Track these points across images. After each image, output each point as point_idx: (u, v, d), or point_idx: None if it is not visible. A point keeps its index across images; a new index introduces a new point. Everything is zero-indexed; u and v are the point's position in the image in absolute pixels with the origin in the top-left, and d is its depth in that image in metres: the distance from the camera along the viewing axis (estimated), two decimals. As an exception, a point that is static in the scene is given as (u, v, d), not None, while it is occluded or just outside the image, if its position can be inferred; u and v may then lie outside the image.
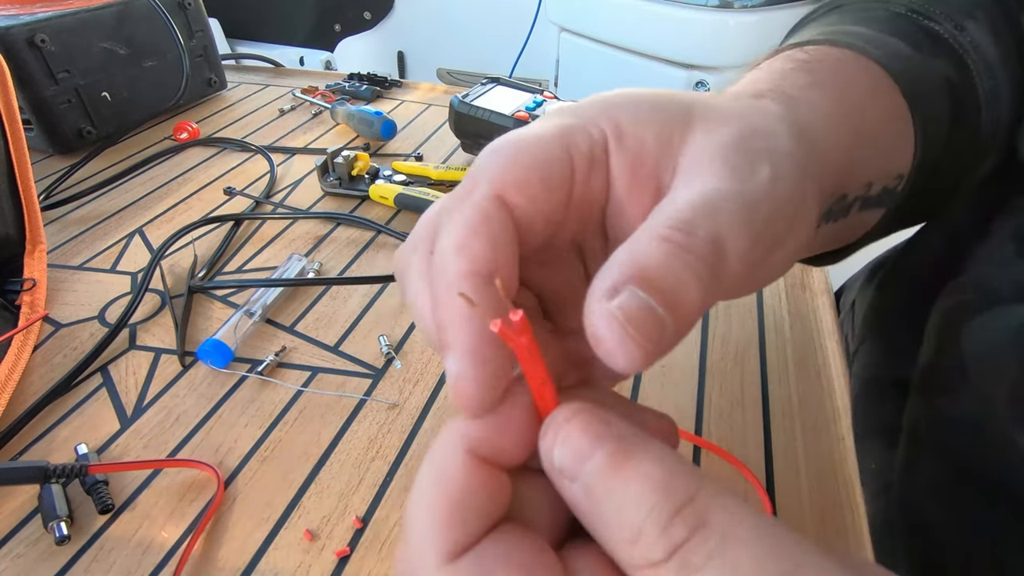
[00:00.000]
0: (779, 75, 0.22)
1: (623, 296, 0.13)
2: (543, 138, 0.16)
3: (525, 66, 1.58)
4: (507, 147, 0.16)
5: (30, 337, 0.39)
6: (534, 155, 0.16)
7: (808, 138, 0.18)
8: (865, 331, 0.40)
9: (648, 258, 0.13)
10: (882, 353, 0.38)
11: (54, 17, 0.57)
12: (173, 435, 0.33)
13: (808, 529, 0.30)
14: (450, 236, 0.15)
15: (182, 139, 0.65)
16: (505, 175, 0.15)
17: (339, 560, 0.28)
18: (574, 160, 0.16)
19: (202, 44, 0.72)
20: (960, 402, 0.26)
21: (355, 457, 0.32)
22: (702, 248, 0.14)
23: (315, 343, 0.39)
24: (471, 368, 0.13)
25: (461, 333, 0.14)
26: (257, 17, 1.60)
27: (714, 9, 1.04)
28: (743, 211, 0.15)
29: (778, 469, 0.33)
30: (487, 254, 0.14)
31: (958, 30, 0.25)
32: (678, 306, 0.13)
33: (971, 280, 0.28)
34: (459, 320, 0.14)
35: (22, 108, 0.57)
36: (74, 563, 0.27)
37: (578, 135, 0.16)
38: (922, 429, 0.27)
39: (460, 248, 0.14)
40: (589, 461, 0.12)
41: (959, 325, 0.27)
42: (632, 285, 0.13)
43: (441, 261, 0.15)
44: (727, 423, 0.35)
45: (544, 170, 0.15)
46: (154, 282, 0.44)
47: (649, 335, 0.13)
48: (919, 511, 0.27)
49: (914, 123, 0.23)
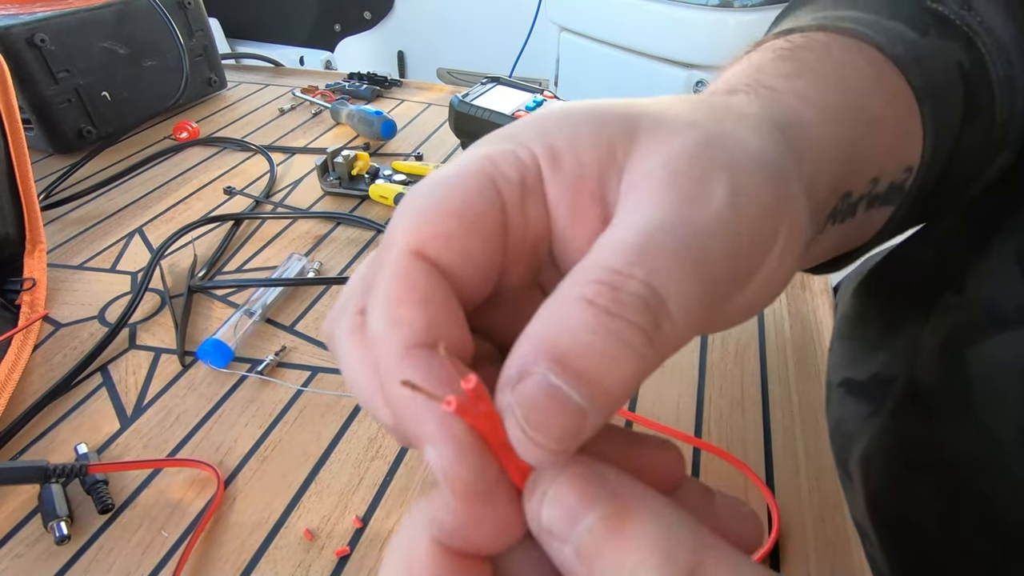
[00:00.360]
0: (756, 68, 0.19)
1: (529, 382, 0.11)
2: (463, 174, 0.14)
3: (525, 66, 1.58)
4: (422, 194, 0.14)
5: (30, 337, 0.39)
6: (452, 197, 0.13)
7: (795, 134, 0.16)
8: (835, 335, 0.39)
9: (564, 330, 0.11)
10: (837, 356, 0.37)
11: (54, 17, 0.57)
12: (173, 435, 0.33)
13: (808, 529, 0.30)
14: (377, 308, 0.13)
15: (182, 139, 0.65)
16: (420, 228, 0.13)
17: (339, 560, 0.28)
18: (502, 193, 0.14)
19: (202, 44, 0.72)
20: (960, 430, 0.24)
21: (355, 457, 0.32)
22: (634, 310, 0.11)
23: (315, 343, 0.39)
24: (460, 454, 0.11)
25: (431, 423, 0.11)
26: (257, 17, 1.60)
27: (714, 8, 1.04)
28: (688, 250, 0.12)
29: (778, 469, 0.33)
30: (422, 322, 0.12)
31: (966, 9, 0.23)
32: (603, 390, 0.11)
33: (974, 300, 0.26)
34: (423, 409, 0.12)
35: (22, 108, 0.57)
36: (74, 563, 0.27)
37: (504, 163, 0.14)
38: (919, 452, 0.26)
39: (391, 322, 0.12)
40: (581, 523, 0.11)
41: (964, 348, 0.25)
42: (544, 366, 0.11)
43: (376, 340, 0.13)
44: (727, 423, 0.35)
45: (465, 213, 0.13)
46: (154, 282, 0.44)
47: (562, 430, 0.11)
48: (914, 525, 0.27)
49: (922, 111, 0.21)
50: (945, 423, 0.25)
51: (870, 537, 0.28)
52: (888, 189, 0.21)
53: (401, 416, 0.12)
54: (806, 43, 0.21)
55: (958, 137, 0.22)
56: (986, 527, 0.23)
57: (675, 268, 0.12)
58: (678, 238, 0.12)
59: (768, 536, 0.30)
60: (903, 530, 0.26)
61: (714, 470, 0.32)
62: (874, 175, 0.20)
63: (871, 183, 0.20)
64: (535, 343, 0.11)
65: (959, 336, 0.25)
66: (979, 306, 0.25)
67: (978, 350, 0.24)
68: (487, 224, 0.13)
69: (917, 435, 0.25)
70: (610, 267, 0.12)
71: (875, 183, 0.21)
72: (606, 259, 0.12)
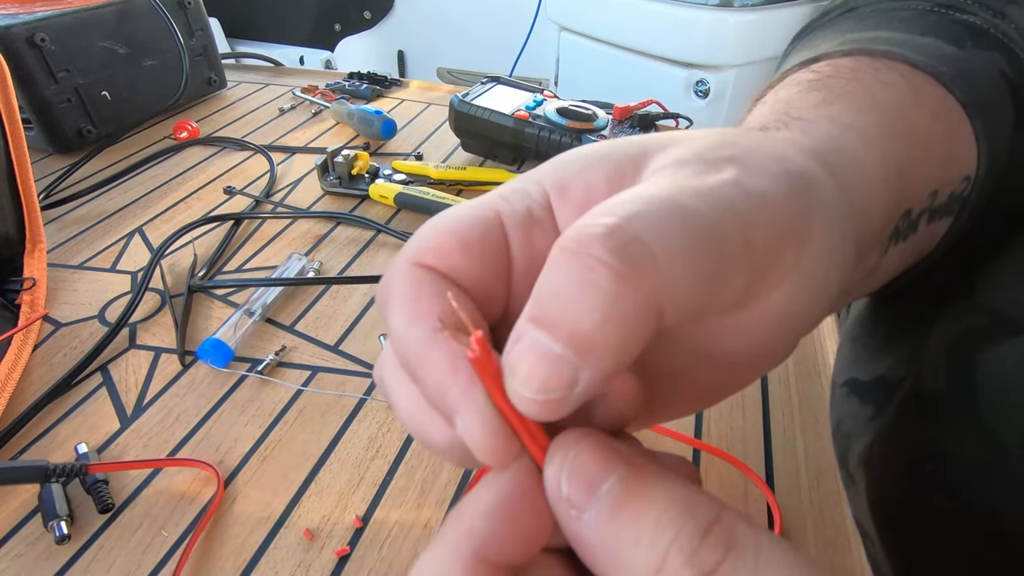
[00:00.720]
0: (785, 103, 0.19)
1: (521, 343, 0.11)
2: (472, 206, 0.15)
3: (525, 65, 1.58)
4: (431, 221, 0.15)
5: (30, 336, 0.39)
6: (454, 220, 0.14)
7: (835, 161, 0.16)
8: (844, 336, 0.39)
9: (549, 286, 0.11)
10: (843, 357, 0.37)
11: (54, 16, 0.57)
12: (173, 434, 0.33)
13: (808, 529, 0.30)
14: (394, 313, 0.14)
15: (182, 138, 0.65)
16: (422, 244, 0.14)
17: (339, 559, 0.28)
18: (504, 221, 0.14)
19: (202, 43, 0.72)
20: (965, 435, 0.24)
21: (355, 456, 0.32)
22: (597, 244, 0.11)
23: (315, 342, 0.39)
24: (482, 419, 0.12)
25: (456, 391, 0.12)
26: (257, 16, 1.60)
27: (714, 8, 1.04)
28: (678, 207, 0.12)
29: (778, 469, 0.33)
30: (439, 310, 0.13)
31: (999, 18, 0.22)
32: (580, 336, 0.10)
33: (984, 305, 0.26)
34: (449, 382, 0.12)
35: (22, 107, 0.57)
36: (74, 562, 0.27)
37: (513, 196, 0.15)
38: (922, 456, 0.26)
39: (411, 319, 0.13)
40: (602, 486, 0.11)
41: (973, 353, 0.24)
42: (533, 326, 0.11)
43: (401, 337, 0.13)
44: (727, 423, 0.35)
45: (463, 233, 0.14)
46: (154, 281, 0.44)
47: (547, 380, 0.11)
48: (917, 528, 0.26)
49: (972, 122, 0.20)
50: (949, 427, 0.24)
51: (872, 538, 0.28)
52: (948, 201, 0.21)
53: (429, 393, 0.13)
54: (833, 71, 0.20)
55: (1012, 142, 0.22)
56: (990, 533, 0.23)
57: (658, 215, 0.11)
58: (664, 193, 0.12)
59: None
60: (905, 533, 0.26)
61: (714, 470, 0.32)
62: (933, 188, 0.20)
63: (930, 197, 0.20)
64: (528, 307, 0.12)
65: (968, 341, 0.25)
66: (989, 311, 0.25)
67: (987, 356, 0.24)
68: (483, 244, 0.14)
69: (920, 439, 0.25)
70: (601, 223, 0.11)
71: (934, 196, 0.20)
72: (597, 216, 0.12)
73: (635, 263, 0.11)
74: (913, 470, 0.25)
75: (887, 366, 0.32)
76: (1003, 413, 0.23)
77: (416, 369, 0.13)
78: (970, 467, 0.24)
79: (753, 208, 0.12)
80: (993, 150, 0.21)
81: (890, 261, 0.20)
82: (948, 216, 0.22)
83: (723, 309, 0.13)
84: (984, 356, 0.24)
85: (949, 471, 0.24)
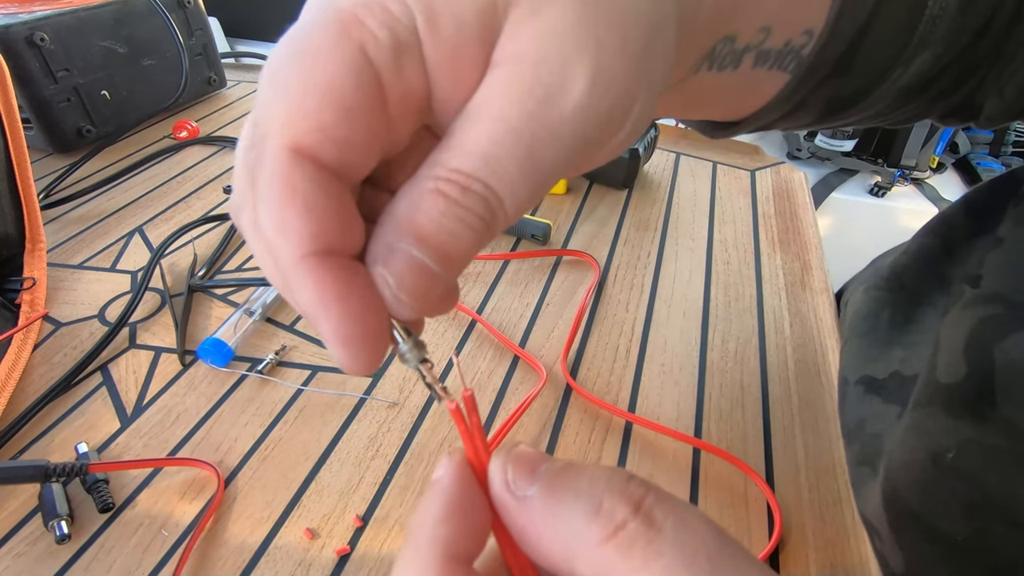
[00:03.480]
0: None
1: (396, 256, 0.13)
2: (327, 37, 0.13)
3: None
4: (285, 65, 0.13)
5: (30, 336, 0.39)
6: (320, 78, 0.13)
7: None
8: (848, 332, 0.39)
9: (422, 214, 0.13)
10: (852, 354, 0.37)
11: (53, 16, 0.57)
12: (173, 434, 0.33)
13: (808, 529, 0.30)
14: (263, 212, 0.13)
15: (182, 138, 0.65)
16: (295, 121, 0.13)
17: (339, 559, 0.28)
18: (374, 62, 0.13)
19: (202, 42, 0.72)
20: (983, 426, 0.24)
21: (355, 456, 0.32)
22: (476, 204, 0.13)
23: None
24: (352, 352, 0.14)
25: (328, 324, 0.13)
26: (257, 16, 1.60)
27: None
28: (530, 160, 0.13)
29: (778, 469, 0.33)
30: (308, 231, 0.13)
31: None
32: (451, 260, 0.14)
33: (994, 294, 0.25)
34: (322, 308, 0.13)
35: (22, 107, 0.57)
36: (74, 562, 0.27)
37: (372, 21, 0.13)
38: (941, 449, 0.26)
39: (279, 231, 0.13)
40: (540, 468, 0.14)
41: (989, 343, 0.24)
42: (406, 242, 0.13)
43: (270, 243, 0.13)
44: (727, 423, 0.35)
45: (340, 95, 0.13)
46: (154, 281, 0.44)
47: (425, 291, 0.14)
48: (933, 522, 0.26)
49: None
50: (968, 418, 0.24)
51: (880, 533, 0.28)
52: (783, 48, 0.20)
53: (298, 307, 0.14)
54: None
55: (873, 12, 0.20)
56: (1011, 523, 0.23)
57: (517, 177, 0.14)
58: (524, 145, 0.13)
59: (772, 534, 0.30)
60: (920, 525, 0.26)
61: (714, 470, 0.32)
62: (765, 23, 0.19)
63: (761, 32, 0.19)
64: (399, 223, 0.14)
65: (983, 332, 0.25)
66: (1001, 301, 0.25)
67: (1003, 345, 0.23)
68: (364, 105, 0.13)
69: (939, 429, 0.25)
70: (462, 170, 0.13)
71: (766, 34, 0.19)
72: (459, 161, 0.13)
73: (496, 217, 0.14)
74: (934, 460, 0.25)
75: (899, 360, 0.32)
76: (1021, 403, 0.23)
77: (285, 279, 0.14)
78: (990, 456, 0.24)
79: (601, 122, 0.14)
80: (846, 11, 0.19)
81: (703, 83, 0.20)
82: (781, 70, 0.21)
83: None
84: (1001, 345, 0.23)
85: (970, 460, 0.24)
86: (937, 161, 1.38)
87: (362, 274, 0.14)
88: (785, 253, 0.50)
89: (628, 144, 0.16)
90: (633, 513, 0.12)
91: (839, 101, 0.23)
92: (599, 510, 0.12)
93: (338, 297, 0.13)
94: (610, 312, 0.43)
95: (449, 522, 0.13)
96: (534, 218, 0.50)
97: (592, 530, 0.12)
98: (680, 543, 0.12)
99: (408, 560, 0.13)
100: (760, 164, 0.65)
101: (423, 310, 0.14)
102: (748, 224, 0.54)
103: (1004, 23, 0.21)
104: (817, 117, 0.24)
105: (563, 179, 0.16)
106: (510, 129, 0.13)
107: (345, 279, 0.13)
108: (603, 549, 0.12)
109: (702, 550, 0.12)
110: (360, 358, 0.14)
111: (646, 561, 0.12)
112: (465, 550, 0.13)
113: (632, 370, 0.38)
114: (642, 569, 0.12)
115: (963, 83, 0.23)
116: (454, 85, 0.14)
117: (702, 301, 0.44)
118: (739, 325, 0.42)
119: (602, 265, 0.48)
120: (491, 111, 0.13)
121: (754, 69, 0.20)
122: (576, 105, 0.13)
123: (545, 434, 0.34)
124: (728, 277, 0.47)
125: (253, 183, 0.13)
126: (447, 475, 0.14)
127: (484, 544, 0.14)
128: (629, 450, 0.33)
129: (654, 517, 0.12)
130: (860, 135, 1.40)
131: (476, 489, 0.14)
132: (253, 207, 0.14)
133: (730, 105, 0.23)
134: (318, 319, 0.13)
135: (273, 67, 0.13)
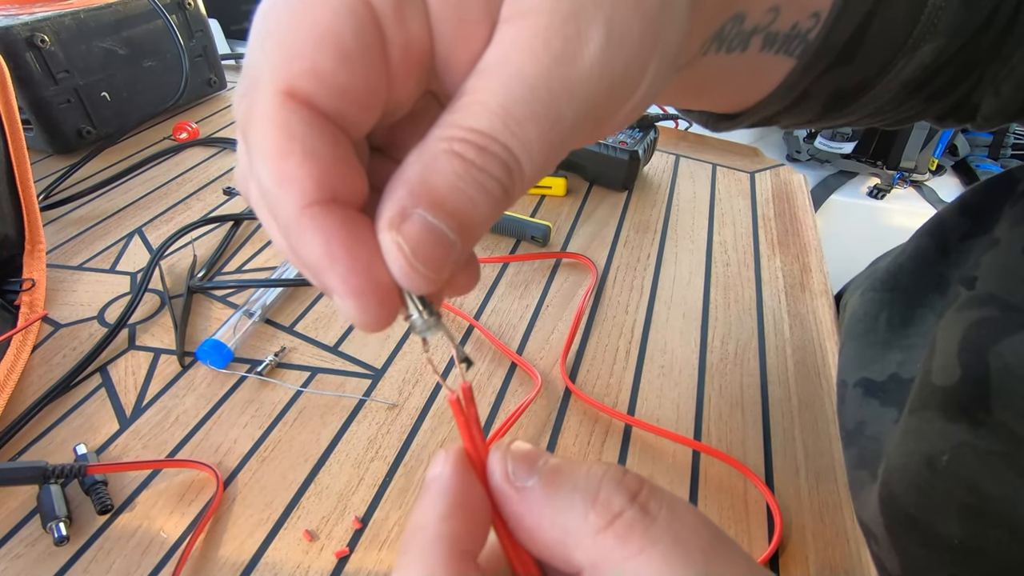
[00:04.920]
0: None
1: (411, 223, 0.12)
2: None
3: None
4: (278, 14, 0.12)
5: (29, 337, 0.39)
6: (317, 19, 0.12)
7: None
8: (847, 335, 0.39)
9: (438, 176, 0.12)
10: (850, 356, 0.37)
11: (54, 17, 0.57)
12: (172, 435, 0.33)
13: (808, 529, 0.30)
14: (260, 164, 0.12)
15: (181, 139, 0.65)
16: (290, 64, 0.12)
17: (338, 560, 0.28)
18: (375, 6, 0.12)
19: (202, 44, 0.72)
20: (979, 429, 0.24)
21: (354, 457, 0.32)
22: (496, 167, 0.13)
23: (314, 343, 0.39)
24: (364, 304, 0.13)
25: (334, 275, 0.13)
26: (257, 17, 1.60)
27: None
28: (548, 119, 0.13)
29: (778, 469, 0.33)
30: (311, 179, 0.12)
31: None
32: (469, 227, 0.13)
33: (989, 296, 0.25)
34: (328, 258, 0.12)
35: (22, 108, 0.57)
36: (73, 563, 0.27)
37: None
38: (937, 452, 0.26)
39: (279, 182, 0.12)
40: (538, 462, 0.14)
41: (984, 346, 0.24)
42: (421, 208, 0.12)
43: (270, 199, 0.13)
44: (727, 424, 0.35)
45: (335, 41, 0.12)
46: (153, 282, 0.44)
47: (440, 261, 0.13)
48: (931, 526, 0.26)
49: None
50: (964, 421, 0.24)
51: (877, 538, 0.28)
52: (790, 32, 0.20)
53: (302, 263, 0.13)
54: None
55: (878, 4, 0.20)
56: (1008, 527, 0.23)
57: (535, 136, 0.13)
58: (542, 102, 0.13)
59: (772, 537, 0.30)
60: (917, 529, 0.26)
61: (714, 471, 0.32)
62: (774, 3, 0.19)
63: (770, 12, 0.19)
64: (412, 187, 0.12)
65: (978, 335, 0.25)
66: (995, 303, 0.25)
67: (997, 349, 0.24)
68: (363, 52, 0.12)
69: (936, 432, 0.25)
70: (479, 129, 0.13)
71: (774, 15, 0.19)
72: (475, 120, 0.13)
73: (515, 181, 0.13)
74: (929, 464, 0.25)
75: (897, 362, 0.32)
76: (1017, 405, 0.23)
77: (288, 235, 0.13)
78: (985, 460, 0.24)
79: (616, 82, 0.13)
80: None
81: (712, 66, 0.19)
82: (787, 56, 0.20)
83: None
84: (995, 348, 0.23)
85: (965, 464, 0.24)
86: (936, 163, 1.38)
87: (370, 225, 0.13)
88: (784, 255, 0.50)
89: (635, 117, 0.16)
90: (629, 503, 0.13)
91: (842, 93, 0.23)
92: (596, 500, 0.13)
93: (346, 245, 0.12)
94: (610, 314, 0.43)
95: (453, 518, 0.13)
96: (534, 220, 0.50)
97: (590, 519, 0.13)
98: (674, 532, 0.12)
99: (413, 559, 0.13)
100: (760, 166, 0.65)
101: (438, 283, 0.13)
102: (748, 226, 0.54)
103: (1005, 20, 0.21)
104: (819, 112, 0.24)
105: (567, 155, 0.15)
106: (528, 86, 0.13)
107: (352, 228, 0.12)
108: (601, 537, 0.12)
109: (695, 540, 0.12)
110: (372, 311, 0.13)
111: (642, 548, 0.12)
112: (470, 545, 0.13)
113: (632, 372, 0.38)
114: (638, 555, 0.12)
115: (962, 80, 0.23)
116: (459, 41, 0.13)
117: (702, 303, 0.44)
118: (739, 327, 0.42)
119: (602, 267, 0.48)
120: (508, 67, 0.13)
121: (761, 53, 0.20)
122: (593, 61, 0.13)
123: (544, 436, 0.34)
124: (728, 279, 0.47)
125: (245, 135, 0.13)
126: (447, 470, 0.14)
127: (486, 539, 0.14)
128: (629, 452, 0.33)
129: (649, 507, 0.13)
130: (859, 137, 1.41)
131: (476, 484, 0.14)
132: (250, 165, 0.13)
133: (735, 92, 0.23)
134: (324, 271, 0.13)
135: (266, 7, 0.12)
